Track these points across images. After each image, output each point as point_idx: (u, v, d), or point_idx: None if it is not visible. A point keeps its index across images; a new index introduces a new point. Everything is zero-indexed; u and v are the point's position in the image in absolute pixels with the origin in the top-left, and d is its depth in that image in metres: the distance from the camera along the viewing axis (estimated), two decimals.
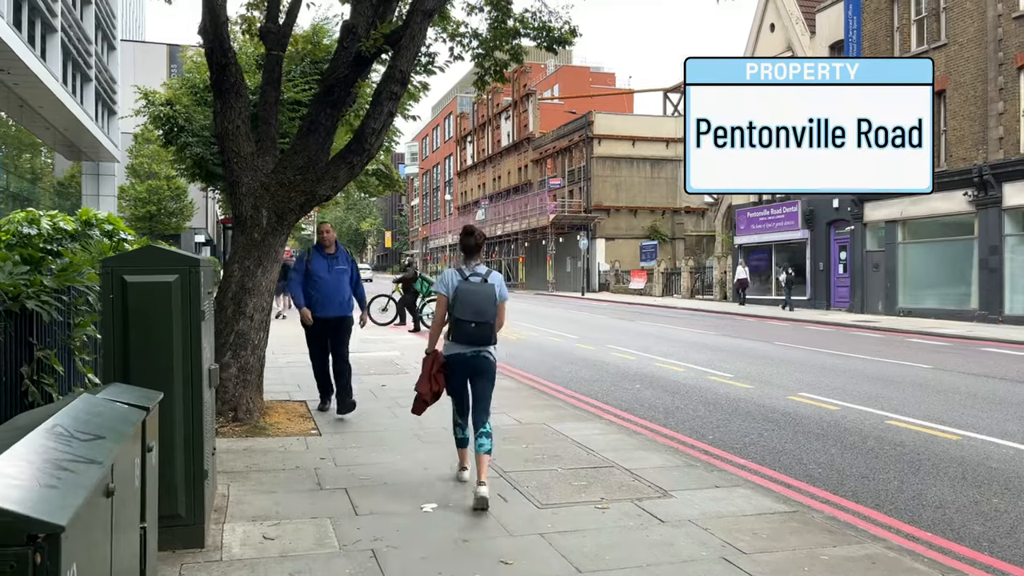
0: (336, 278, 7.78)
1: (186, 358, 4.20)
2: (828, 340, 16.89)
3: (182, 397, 4.18)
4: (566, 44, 11.73)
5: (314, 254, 7.89)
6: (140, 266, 4.13)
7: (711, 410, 8.79)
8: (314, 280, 7.73)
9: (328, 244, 7.93)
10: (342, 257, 7.97)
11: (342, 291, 7.81)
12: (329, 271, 7.76)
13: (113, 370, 4.13)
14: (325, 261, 7.82)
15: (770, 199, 30.35)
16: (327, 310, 7.72)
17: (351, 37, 7.70)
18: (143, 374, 4.11)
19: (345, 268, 7.89)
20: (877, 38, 24.61)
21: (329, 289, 7.71)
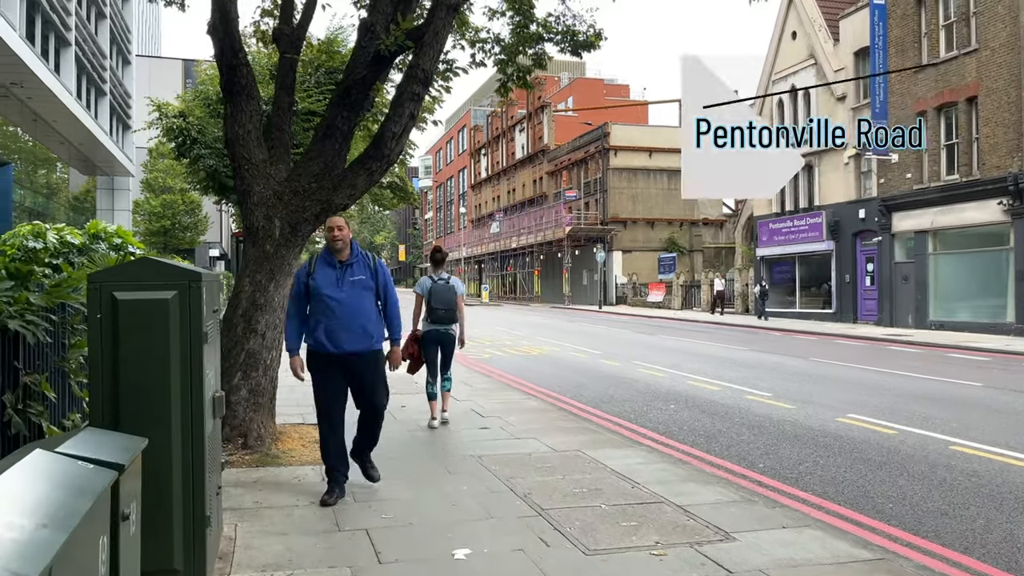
0: (353, 295, 5.31)
1: (186, 387, 3.65)
2: (863, 355, 16.18)
3: (181, 432, 3.63)
4: (591, 48, 11.21)
5: (319, 265, 5.38)
6: (133, 281, 3.59)
7: (756, 434, 8.16)
8: (320, 301, 5.30)
9: (340, 247, 5.38)
10: (361, 265, 5.42)
11: (363, 313, 5.32)
12: (340, 285, 5.28)
13: (101, 401, 3.58)
14: (334, 272, 5.33)
15: (793, 209, 29.66)
16: (341, 342, 5.25)
17: (369, 36, 7.20)
18: (135, 406, 3.57)
19: (365, 279, 5.38)
20: (904, 44, 23.97)
21: (343, 312, 5.27)
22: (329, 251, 5.41)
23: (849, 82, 26.11)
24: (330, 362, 5.29)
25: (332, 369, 5.30)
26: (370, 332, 5.32)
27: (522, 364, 14.70)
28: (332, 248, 5.38)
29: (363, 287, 5.34)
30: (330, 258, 5.37)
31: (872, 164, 25.40)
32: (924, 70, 23.24)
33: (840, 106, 26.87)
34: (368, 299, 5.37)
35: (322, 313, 5.28)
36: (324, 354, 5.28)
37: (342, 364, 5.28)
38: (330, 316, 5.24)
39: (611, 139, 44.73)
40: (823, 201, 27.92)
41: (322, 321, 5.27)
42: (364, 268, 5.40)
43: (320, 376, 5.36)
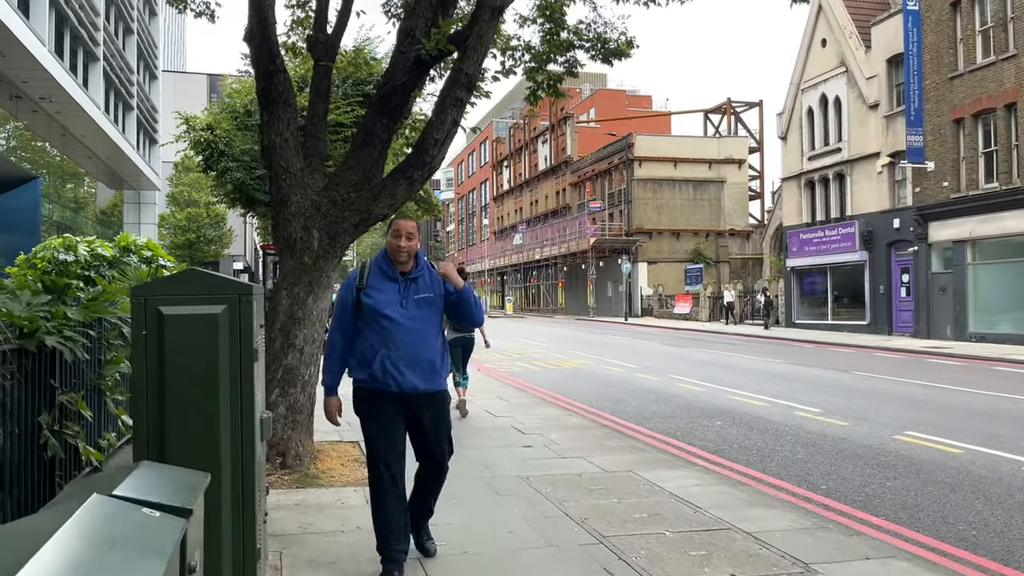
0: (419, 319, 4.10)
1: (235, 408, 3.39)
2: (905, 368, 15.69)
3: (231, 459, 3.37)
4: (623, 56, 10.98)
5: (375, 276, 4.16)
6: (179, 295, 3.33)
7: (812, 453, 7.78)
8: (375, 324, 4.07)
9: (403, 257, 4.13)
10: (429, 281, 4.19)
11: (429, 343, 4.12)
12: (404, 305, 4.08)
13: (147, 426, 3.32)
14: (396, 287, 4.11)
15: (825, 219, 29.15)
16: (405, 378, 4.03)
17: (409, 40, 6.97)
18: (183, 431, 3.31)
19: (433, 298, 4.16)
20: (939, 50, 23.49)
21: (408, 339, 4.05)
22: (389, 260, 4.13)
23: (882, 89, 25.66)
24: (387, 402, 4.04)
25: (389, 411, 4.05)
26: (437, 367, 4.12)
27: (555, 378, 14.38)
28: (394, 259, 4.10)
29: (430, 308, 4.13)
30: (390, 269, 4.11)
31: (907, 172, 24.87)
32: (961, 76, 22.74)
33: (872, 114, 26.39)
34: (436, 324, 4.18)
35: (379, 340, 4.02)
36: (381, 392, 4.02)
37: (402, 405, 4.06)
38: (390, 344, 4.00)
39: (636, 149, 44.40)
40: (855, 211, 27.40)
41: (379, 350, 4.00)
42: (433, 284, 4.16)
43: (375, 421, 4.05)
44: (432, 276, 4.20)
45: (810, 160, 29.73)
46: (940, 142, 23.42)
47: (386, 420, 4.07)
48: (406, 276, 4.13)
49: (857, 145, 27.20)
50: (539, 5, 10.20)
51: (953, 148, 23.06)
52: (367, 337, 4.08)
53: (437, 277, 4.20)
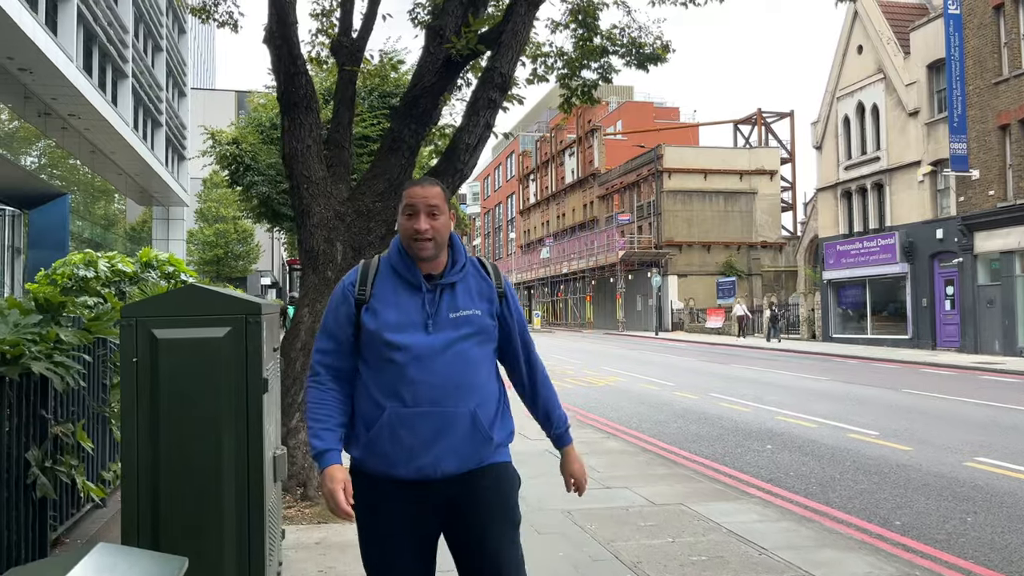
0: (456, 351, 2.39)
1: (241, 448, 2.90)
2: (958, 386, 14.88)
3: (236, 506, 2.88)
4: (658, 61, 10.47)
5: (382, 281, 2.46)
6: (176, 315, 2.86)
7: (877, 482, 7.14)
8: (381, 357, 2.38)
9: (427, 248, 2.42)
10: (471, 285, 2.49)
11: (474, 386, 2.40)
12: (429, 326, 2.39)
13: (136, 467, 2.84)
14: (418, 299, 2.41)
15: (863, 230, 28.29)
16: (423, 454, 2.32)
17: (438, 40, 6.52)
18: (179, 475, 2.83)
19: (480, 316, 2.45)
20: (982, 55, 22.68)
21: (432, 388, 2.34)
22: (404, 254, 2.44)
23: (923, 96, 24.85)
24: (398, 498, 2.34)
25: (401, 516, 2.35)
26: (486, 427, 2.38)
27: (590, 396, 13.80)
28: (412, 251, 2.41)
29: (475, 330, 2.41)
30: (407, 268, 2.42)
31: (950, 181, 23.99)
32: (1006, 81, 21.91)
33: (912, 122, 25.57)
34: (484, 356, 2.44)
35: (386, 388, 2.34)
36: (386, 480, 2.34)
37: (425, 504, 2.35)
38: (406, 396, 2.32)
39: (665, 161, 43.77)
40: (895, 221, 26.52)
41: (386, 406, 2.33)
42: (478, 292, 2.47)
43: (374, 533, 2.38)
44: (481, 278, 2.49)
45: (847, 170, 28.92)
46: (985, 149, 22.56)
47: (396, 535, 2.34)
48: (435, 280, 2.41)
49: (896, 154, 26.37)
50: (571, 9, 9.77)
51: (999, 155, 22.19)
52: (368, 383, 2.37)
53: (488, 279, 2.50)
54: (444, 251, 2.47)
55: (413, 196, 2.45)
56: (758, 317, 36.61)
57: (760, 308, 35.70)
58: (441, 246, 2.44)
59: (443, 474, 2.32)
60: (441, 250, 2.45)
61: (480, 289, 2.49)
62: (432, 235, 2.40)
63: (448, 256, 2.49)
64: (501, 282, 2.54)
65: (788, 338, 32.70)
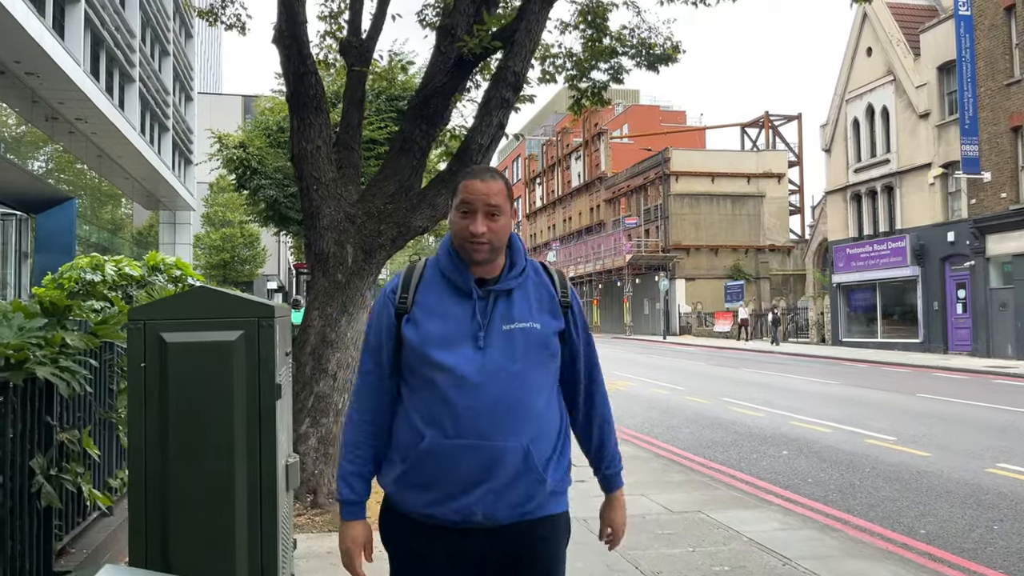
0: (512, 372, 1.98)
1: (254, 456, 2.79)
2: (974, 390, 14.70)
3: (248, 516, 2.76)
4: (669, 62, 10.36)
5: (428, 287, 2.08)
6: (186, 318, 2.75)
7: (898, 489, 6.98)
8: (422, 380, 2.01)
9: (483, 257, 2.03)
10: (530, 291, 2.08)
11: (532, 415, 2.00)
12: (481, 339, 1.99)
13: (144, 476, 2.73)
14: (467, 307, 2.03)
15: (873, 233, 28.08)
16: (466, 497, 1.95)
17: (449, 40, 6.42)
18: (189, 486, 2.71)
19: (540, 329, 2.04)
20: (994, 57, 22.50)
21: (481, 415, 1.95)
22: (454, 256, 2.09)
23: (933, 98, 24.67)
24: (434, 543, 2.02)
25: (436, 560, 2.03)
26: (540, 467, 2.03)
27: None
28: (465, 254, 2.06)
29: (534, 346, 2.03)
30: (457, 272, 2.07)
31: (962, 184, 23.80)
32: (1018, 83, 21.72)
33: (923, 124, 25.39)
34: (544, 378, 2.07)
35: (428, 414, 2.00)
36: (421, 521, 2.02)
37: (467, 549, 2.02)
38: (448, 425, 1.97)
39: (672, 164, 43.63)
40: (906, 224, 26.32)
41: (424, 433, 1.99)
42: (538, 301, 2.09)
43: (406, 573, 2.11)
44: (543, 285, 2.11)
45: (856, 172, 28.74)
46: (997, 151, 22.37)
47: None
48: (489, 286, 2.04)
49: (907, 156, 26.18)
50: (580, 10, 9.67)
51: (1011, 157, 22.00)
52: (408, 405, 2.04)
53: (552, 287, 2.11)
54: (502, 253, 2.10)
55: (472, 192, 2.03)
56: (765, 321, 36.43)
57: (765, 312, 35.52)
58: (499, 249, 2.07)
59: (488, 521, 1.96)
60: (499, 253, 2.08)
61: (541, 298, 2.09)
62: (489, 239, 2.02)
63: (505, 258, 2.11)
64: (567, 292, 2.14)
65: (797, 342, 32.51)
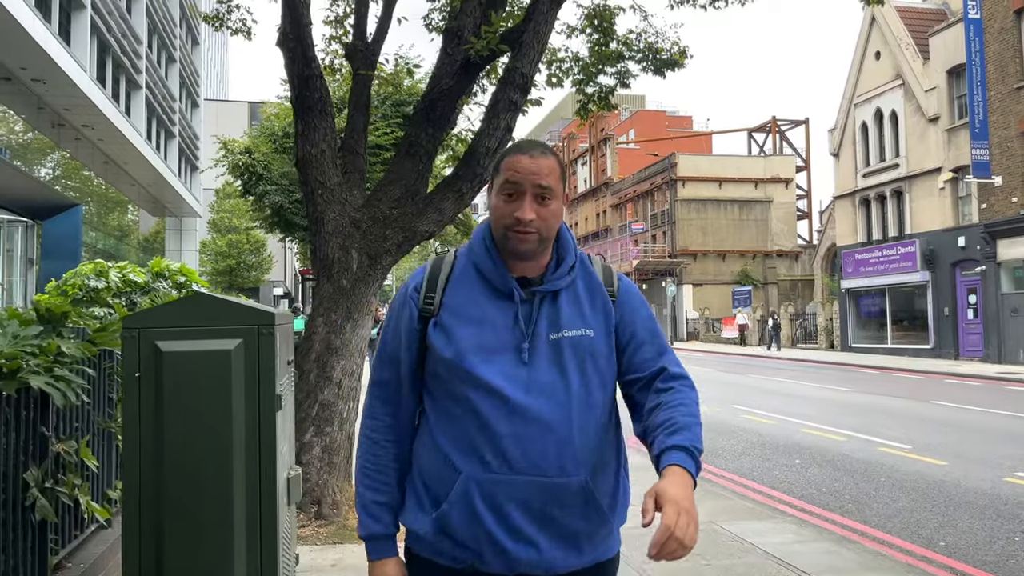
0: (564, 390, 1.64)
1: (253, 469, 2.67)
2: (987, 397, 14.50)
3: (247, 533, 2.65)
4: (675, 67, 10.27)
5: (459, 278, 1.72)
6: (183, 326, 2.64)
7: (915, 499, 6.83)
8: (454, 399, 1.65)
9: (528, 247, 1.66)
10: (588, 294, 1.74)
11: (586, 449, 1.67)
12: (529, 353, 1.64)
13: (139, 489, 2.61)
14: (508, 311, 1.67)
15: (882, 238, 27.88)
16: (515, 542, 1.59)
17: (456, 42, 6.33)
18: (185, 497, 2.60)
19: (592, 337, 1.70)
20: (1004, 60, 22.32)
21: (530, 443, 1.59)
22: (491, 249, 1.72)
23: (943, 102, 24.48)
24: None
25: None
26: (603, 504, 1.73)
27: None
28: (507, 245, 1.68)
29: (590, 356, 1.70)
30: (494, 268, 1.70)
31: (972, 188, 23.60)
32: None
33: (932, 128, 25.20)
34: (601, 397, 1.75)
35: (460, 437, 1.64)
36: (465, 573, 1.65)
37: None
38: (486, 451, 1.61)
39: (678, 169, 43.48)
40: (916, 229, 26.11)
41: (460, 468, 1.62)
42: (590, 303, 1.74)
43: None
44: (592, 282, 1.76)
45: (865, 177, 28.55)
46: (1008, 155, 22.17)
47: None
48: (533, 286, 1.70)
49: (916, 160, 25.99)
50: (587, 14, 9.58)
51: (1022, 161, 21.79)
52: (436, 431, 1.68)
53: (601, 285, 1.77)
54: (549, 247, 1.73)
55: (518, 169, 1.66)
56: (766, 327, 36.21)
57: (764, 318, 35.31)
58: (547, 241, 1.70)
59: (541, 572, 1.62)
60: (547, 245, 1.72)
61: (592, 299, 1.74)
62: (538, 227, 1.66)
63: (552, 253, 1.75)
64: (614, 284, 1.80)
65: (806, 347, 32.28)
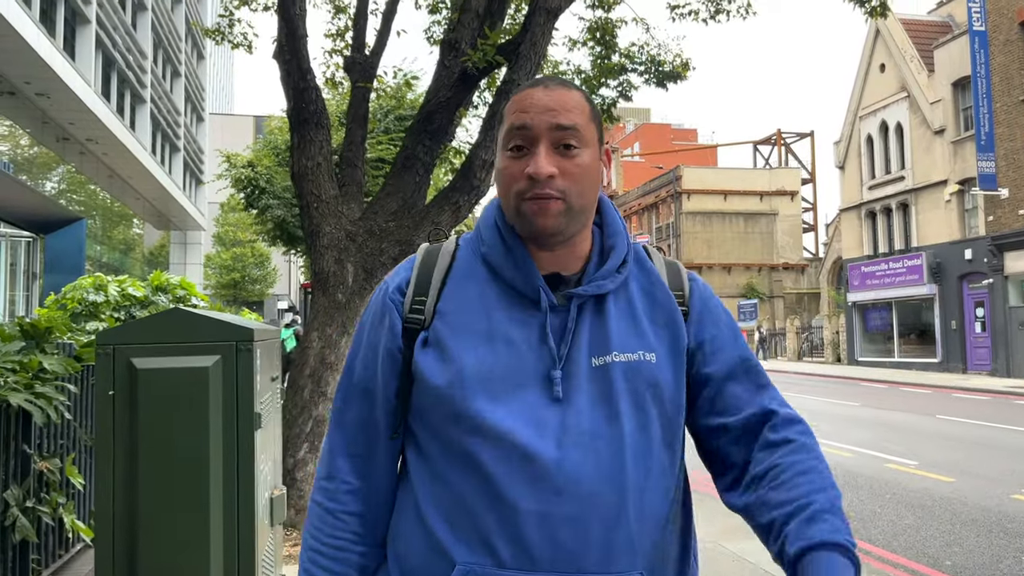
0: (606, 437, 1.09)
1: (230, 490, 2.59)
2: (994, 412, 14.32)
3: (223, 558, 2.56)
4: (678, 79, 10.25)
5: (462, 277, 1.17)
6: (158, 343, 2.56)
7: (922, 517, 6.69)
8: (451, 442, 1.10)
9: (553, 225, 1.12)
10: (638, 308, 1.18)
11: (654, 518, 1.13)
12: (562, 386, 1.10)
13: (112, 514, 2.53)
14: (533, 323, 1.12)
15: (888, 251, 27.73)
16: None
17: (453, 54, 6.30)
18: (160, 525, 2.51)
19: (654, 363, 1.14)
20: (1009, 72, 22.25)
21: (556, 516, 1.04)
22: (505, 232, 1.17)
23: (948, 114, 24.40)
24: None
25: None
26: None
27: None
28: (523, 223, 1.14)
29: (652, 391, 1.14)
30: (510, 259, 1.16)
31: (978, 201, 23.46)
32: None
33: (938, 140, 25.10)
34: (665, 451, 1.16)
35: (458, 511, 1.09)
36: None
37: None
38: (496, 537, 1.06)
39: (683, 182, 43.43)
40: (922, 242, 25.96)
41: (454, 558, 1.08)
42: (649, 314, 1.19)
43: None
44: (652, 282, 1.25)
45: (870, 189, 28.44)
46: (1014, 168, 22.06)
47: None
48: (568, 287, 1.17)
49: (922, 173, 25.88)
50: (589, 27, 9.55)
51: None
52: (422, 498, 1.14)
53: (667, 290, 1.25)
54: (586, 226, 1.19)
55: (528, 106, 1.13)
56: (780, 340, 36.06)
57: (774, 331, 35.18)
58: (578, 213, 1.14)
59: None
60: (579, 222, 1.16)
61: (653, 309, 1.20)
62: (563, 188, 1.12)
63: (593, 239, 1.22)
64: (684, 288, 1.26)
65: (812, 361, 32.08)
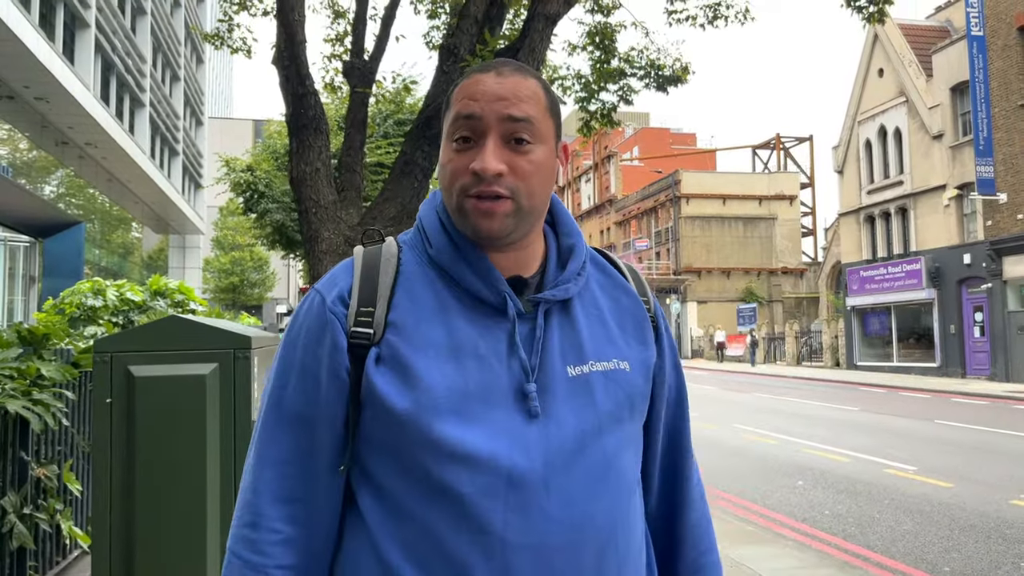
0: (588, 454, 1.00)
1: (228, 498, 2.58)
2: (993, 417, 14.32)
3: (219, 566, 2.56)
4: (678, 83, 10.25)
5: (412, 280, 1.04)
6: (156, 350, 2.56)
7: (920, 523, 6.69)
8: (418, 472, 0.97)
9: (500, 210, 1.00)
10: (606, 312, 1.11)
11: (628, 536, 1.03)
12: (543, 403, 1.00)
13: (109, 523, 2.53)
14: (502, 334, 1.02)
15: (887, 256, 27.75)
16: None
17: (452, 59, 6.30)
18: (158, 532, 2.51)
19: (626, 370, 1.07)
20: (1008, 76, 22.28)
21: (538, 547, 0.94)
22: (454, 234, 1.06)
23: (947, 119, 24.44)
24: None
25: None
26: None
27: None
28: (467, 224, 1.02)
29: (629, 403, 1.07)
30: (465, 263, 1.04)
31: (977, 205, 23.49)
32: None
33: (936, 145, 25.14)
34: (633, 465, 1.09)
35: (435, 550, 0.96)
36: None
37: None
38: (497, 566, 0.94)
39: (682, 187, 43.46)
40: (921, 246, 25.98)
41: None
42: (616, 319, 1.12)
43: None
44: (617, 288, 1.15)
45: (869, 194, 28.47)
46: (1012, 172, 22.08)
47: None
48: (530, 292, 1.07)
49: (920, 177, 25.91)
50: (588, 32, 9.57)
51: None
52: (382, 540, 0.99)
53: (635, 296, 1.16)
54: (536, 227, 1.09)
55: (476, 94, 1.03)
56: (779, 344, 36.08)
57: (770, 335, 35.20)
58: (528, 215, 1.04)
59: None
60: (529, 225, 1.06)
61: (621, 316, 1.13)
62: (512, 187, 1.01)
63: (547, 238, 1.13)
64: (650, 301, 1.18)
65: (811, 366, 32.08)
